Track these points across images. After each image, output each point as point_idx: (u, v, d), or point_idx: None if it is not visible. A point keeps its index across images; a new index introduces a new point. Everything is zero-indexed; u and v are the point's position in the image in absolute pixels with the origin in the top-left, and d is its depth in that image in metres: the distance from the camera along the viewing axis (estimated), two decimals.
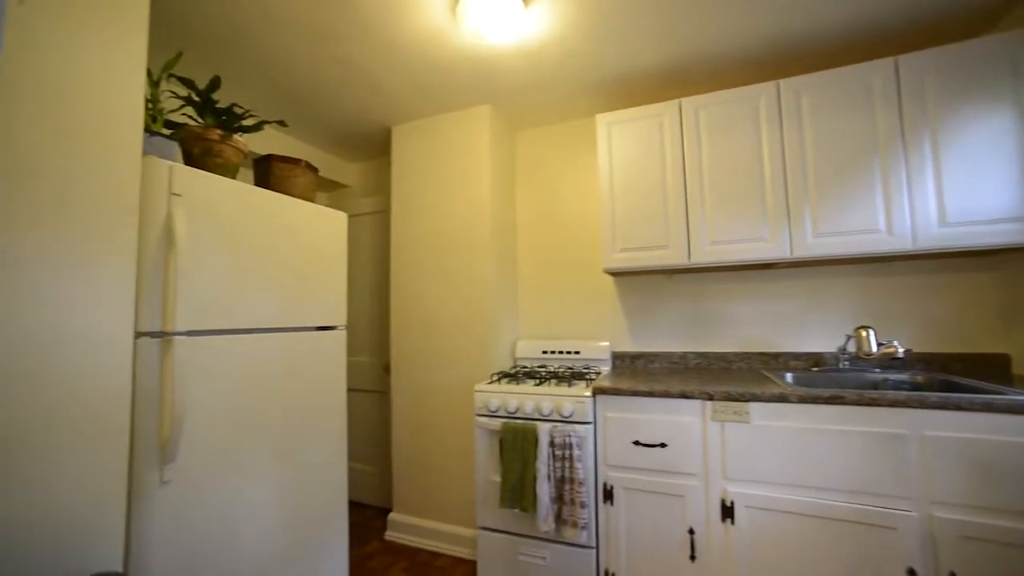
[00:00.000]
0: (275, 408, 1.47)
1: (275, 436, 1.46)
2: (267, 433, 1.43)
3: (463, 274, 2.29)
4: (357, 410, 2.83)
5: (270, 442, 1.44)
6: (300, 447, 1.56)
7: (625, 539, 1.64)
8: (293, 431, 1.53)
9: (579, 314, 2.43)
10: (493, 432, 1.83)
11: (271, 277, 1.48)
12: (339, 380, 1.76)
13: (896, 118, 1.65)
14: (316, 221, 1.68)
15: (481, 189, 2.28)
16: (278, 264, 1.51)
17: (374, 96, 2.18)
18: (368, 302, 2.87)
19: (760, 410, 1.50)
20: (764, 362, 2.07)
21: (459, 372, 2.26)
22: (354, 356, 2.86)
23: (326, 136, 2.62)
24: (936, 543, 1.30)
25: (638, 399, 1.65)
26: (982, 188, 1.55)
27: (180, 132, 1.37)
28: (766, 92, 1.81)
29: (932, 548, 1.30)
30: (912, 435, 1.34)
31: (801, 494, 1.44)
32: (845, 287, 1.98)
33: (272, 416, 1.46)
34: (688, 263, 1.90)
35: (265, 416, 1.43)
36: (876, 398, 1.37)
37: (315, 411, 1.63)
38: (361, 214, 2.91)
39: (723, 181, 1.87)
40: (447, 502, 2.26)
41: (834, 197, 1.71)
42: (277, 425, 1.47)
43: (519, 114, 2.43)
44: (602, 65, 1.95)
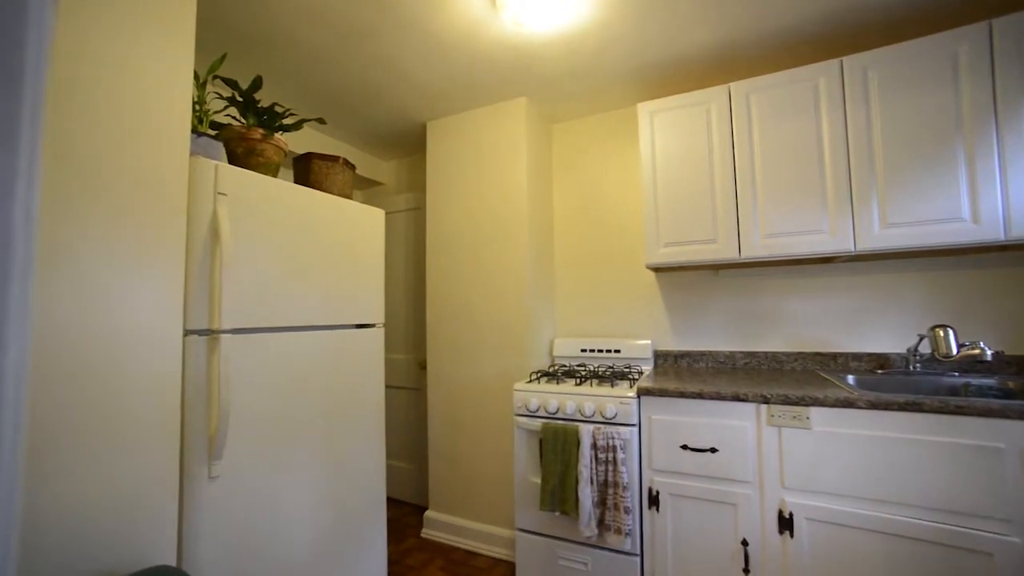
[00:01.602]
0: (316, 406, 1.48)
1: (316, 433, 1.47)
2: (308, 430, 1.44)
3: (499, 270, 2.25)
4: (393, 407, 2.85)
5: (311, 439, 1.45)
6: (340, 444, 1.56)
7: (671, 547, 1.56)
8: (333, 428, 1.54)
9: (619, 311, 2.35)
10: (533, 432, 1.79)
11: (312, 275, 1.49)
12: (378, 378, 1.77)
13: (988, 93, 1.47)
14: (355, 218, 1.68)
15: (517, 183, 2.23)
16: (318, 262, 1.51)
17: (410, 92, 2.17)
18: (404, 299, 2.88)
19: (822, 415, 1.38)
20: (821, 363, 1.92)
21: (495, 370, 2.23)
22: (390, 353, 2.88)
23: (361, 134, 2.64)
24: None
25: (686, 401, 1.56)
26: None
27: (224, 132, 1.39)
28: (827, 71, 1.67)
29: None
30: (1010, 448, 1.20)
31: (871, 508, 1.32)
32: (913, 283, 1.81)
33: (313, 413, 1.47)
34: (739, 258, 1.79)
35: (306, 413, 1.44)
36: (963, 406, 1.23)
37: (355, 408, 1.64)
38: (396, 211, 2.92)
39: (777, 170, 1.74)
40: (483, 501, 2.23)
41: (907, 184, 1.56)
42: (318, 422, 1.48)
43: (556, 106, 2.36)
44: (644, 50, 1.85)
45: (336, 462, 1.54)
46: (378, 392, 1.76)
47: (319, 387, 1.50)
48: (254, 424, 1.27)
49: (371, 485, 1.69)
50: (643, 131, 1.98)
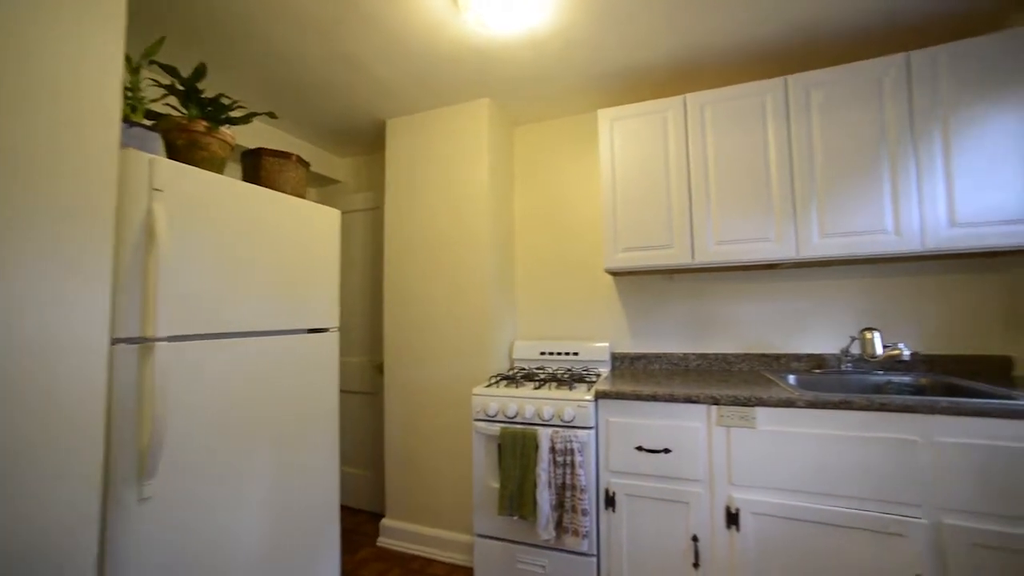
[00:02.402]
0: (264, 415, 1.40)
1: (264, 444, 1.40)
2: (256, 441, 1.37)
3: (459, 272, 2.22)
4: (349, 412, 2.76)
5: (259, 450, 1.38)
6: (291, 454, 1.49)
7: (627, 547, 1.60)
8: (283, 438, 1.47)
9: (578, 314, 2.39)
10: (491, 437, 1.78)
11: (261, 278, 1.41)
12: (332, 384, 1.70)
13: (907, 116, 1.61)
14: (308, 218, 1.61)
15: (479, 185, 2.21)
16: (268, 264, 1.44)
17: (369, 89, 2.10)
18: (360, 301, 2.79)
19: (767, 415, 1.46)
20: (765, 363, 2.04)
21: (455, 372, 2.20)
22: (346, 356, 2.78)
23: (317, 130, 2.54)
24: (945, 551, 1.27)
25: (641, 403, 1.61)
26: (994, 188, 1.52)
27: (162, 123, 1.29)
28: (774, 88, 1.77)
29: (941, 556, 1.28)
30: (922, 441, 1.31)
31: (809, 501, 1.40)
32: (848, 288, 1.95)
33: (261, 423, 1.39)
34: (692, 263, 1.86)
35: (254, 424, 1.37)
36: (886, 403, 1.34)
37: (306, 416, 1.57)
38: (353, 211, 2.83)
39: (729, 180, 1.83)
40: (442, 507, 2.20)
41: (841, 197, 1.68)
42: (267, 432, 1.41)
43: (518, 108, 2.36)
44: (605, 58, 1.89)
45: (286, 473, 1.47)
46: (332, 399, 1.70)
47: (269, 395, 1.42)
48: (196, 438, 1.18)
49: (324, 495, 1.62)
50: (603, 137, 2.02)
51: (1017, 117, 1.51)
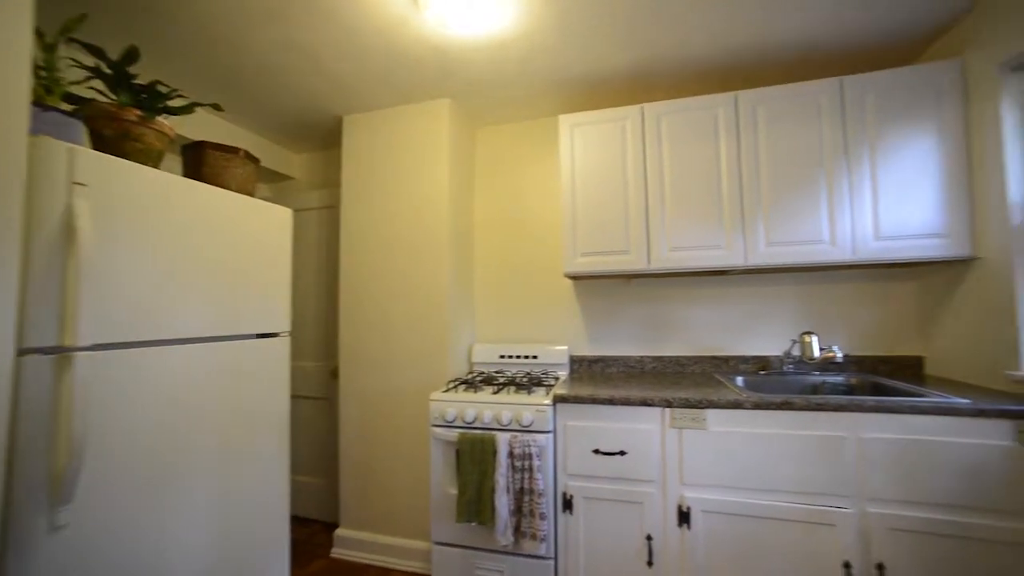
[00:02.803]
0: (208, 426, 1.32)
1: (208, 456, 1.31)
2: (198, 454, 1.28)
3: (418, 274, 2.18)
4: (301, 418, 2.64)
5: (202, 463, 1.29)
6: (237, 465, 1.41)
7: (584, 548, 1.62)
8: (229, 449, 1.39)
9: (538, 318, 2.40)
10: (449, 443, 1.75)
11: (204, 281, 1.32)
12: (282, 391, 1.62)
13: (841, 135, 1.73)
14: (257, 217, 1.53)
15: (439, 186, 2.18)
16: (212, 266, 1.35)
17: (324, 83, 2.02)
18: (314, 303, 2.68)
19: (717, 416, 1.52)
20: (716, 365, 2.13)
21: (413, 377, 2.16)
22: (298, 360, 2.67)
23: (269, 123, 2.41)
24: (868, 536, 1.37)
25: (598, 406, 1.64)
26: (910, 205, 1.67)
27: (86, 109, 1.18)
28: (725, 103, 1.85)
29: (865, 541, 1.38)
30: (851, 437, 1.41)
31: (752, 497, 1.47)
32: (790, 294, 2.07)
33: (204, 434, 1.31)
34: (648, 268, 1.91)
35: (196, 435, 1.28)
36: (821, 403, 1.43)
37: (255, 425, 1.49)
38: (308, 209, 2.71)
39: (683, 188, 1.89)
40: (399, 514, 2.15)
41: (785, 208, 1.78)
42: (210, 444, 1.32)
43: (480, 110, 2.35)
44: (567, 65, 1.91)
45: (232, 484, 1.39)
46: (283, 406, 1.62)
47: (213, 405, 1.34)
48: (126, 455, 1.09)
49: (273, 505, 1.54)
50: (564, 143, 2.04)
51: (926, 143, 1.66)
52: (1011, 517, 1.28)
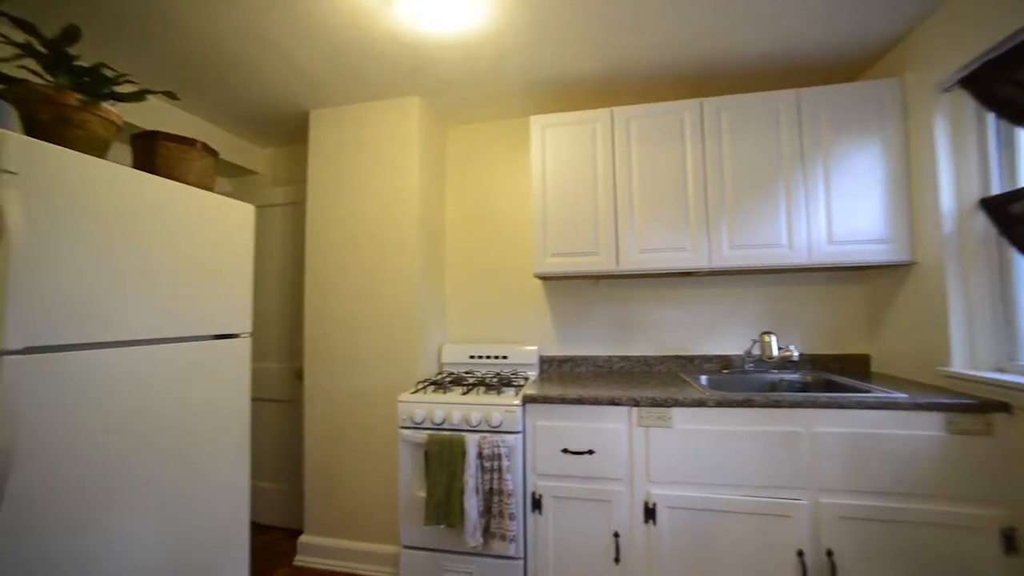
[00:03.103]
0: (160, 432, 1.26)
1: (160, 464, 1.25)
2: (150, 462, 1.22)
3: (387, 273, 2.14)
4: (263, 422, 2.54)
5: (154, 471, 1.23)
6: (193, 472, 1.34)
7: (553, 547, 1.63)
8: (184, 456, 1.32)
9: (508, 318, 2.40)
10: (418, 445, 1.73)
11: (157, 279, 1.26)
12: (242, 394, 1.55)
13: (798, 144, 1.82)
14: (216, 213, 1.46)
15: (409, 184, 2.14)
16: (166, 264, 1.28)
17: (292, 76, 1.95)
18: (278, 302, 2.59)
19: (682, 414, 1.56)
20: (681, 365, 2.19)
21: (381, 378, 2.11)
22: (261, 362, 2.56)
23: (230, 114, 2.31)
24: (819, 525, 1.44)
25: (567, 406, 1.65)
26: (859, 212, 1.77)
27: (15, 90, 1.09)
28: (691, 108, 1.91)
29: (816, 530, 1.45)
30: (805, 432, 1.48)
31: (714, 492, 1.52)
32: (752, 295, 2.16)
33: (156, 441, 1.24)
34: (617, 270, 1.95)
35: (147, 442, 1.22)
36: (779, 400, 1.50)
37: (212, 430, 1.42)
38: (272, 205, 2.61)
39: (651, 191, 1.93)
40: (366, 519, 2.10)
41: (747, 212, 1.85)
42: (163, 451, 1.26)
43: (451, 109, 2.33)
44: (539, 66, 1.91)
45: (188, 491, 1.32)
46: (243, 410, 1.56)
47: (166, 409, 1.28)
48: (65, 462, 1.02)
49: (232, 512, 1.48)
50: (535, 144, 2.04)
51: (872, 155, 1.77)
52: (943, 501, 1.38)
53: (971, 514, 1.36)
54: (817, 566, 1.44)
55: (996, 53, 1.40)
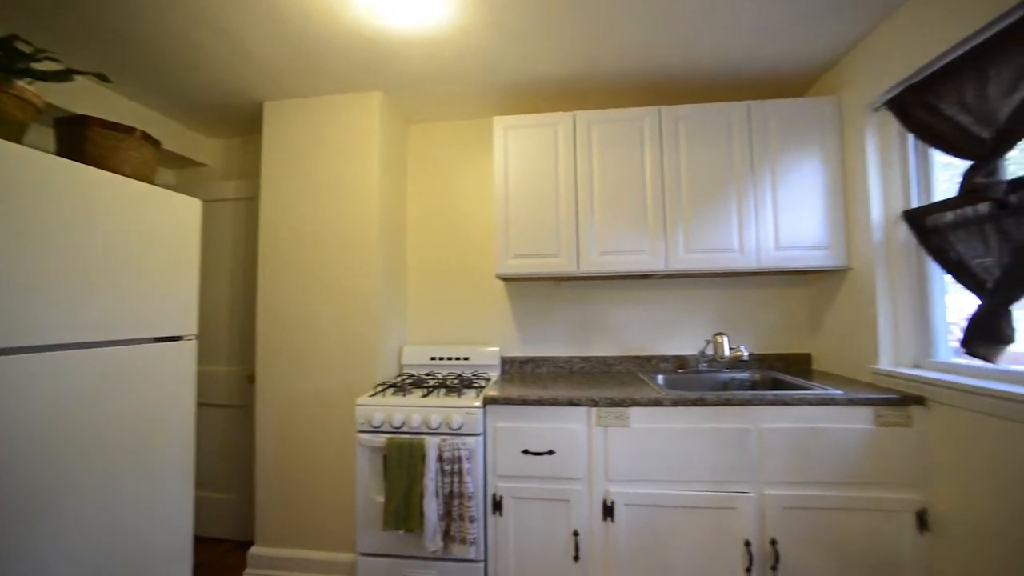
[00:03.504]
0: (94, 442, 1.18)
1: (94, 476, 1.17)
2: (81, 473, 1.14)
3: (346, 273, 2.08)
4: (210, 429, 2.40)
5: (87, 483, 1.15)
6: (131, 484, 1.26)
7: (513, 549, 1.64)
8: (121, 467, 1.24)
9: (470, 319, 2.39)
10: (376, 449, 1.69)
11: (87, 279, 1.17)
12: (186, 400, 1.47)
13: (748, 154, 1.91)
14: (158, 207, 1.37)
15: (369, 181, 2.09)
16: (98, 261, 1.19)
17: (244, 64, 1.85)
18: (229, 302, 2.45)
19: (639, 414, 1.61)
20: (639, 365, 2.25)
21: (339, 380, 2.05)
22: (209, 365, 2.42)
23: (175, 102, 2.17)
24: (765, 516, 1.53)
25: (528, 407, 1.66)
26: (802, 220, 1.88)
27: None
28: (650, 115, 1.96)
29: (762, 521, 1.53)
30: (753, 428, 1.56)
31: (669, 488, 1.57)
32: (705, 297, 2.25)
33: (90, 452, 1.16)
34: (577, 272, 1.98)
35: (79, 453, 1.13)
36: (729, 398, 1.57)
37: (152, 440, 1.34)
38: (223, 199, 2.48)
39: (611, 195, 1.98)
40: (322, 527, 2.03)
41: (702, 217, 1.92)
42: (97, 462, 1.17)
43: (413, 106, 2.29)
44: (502, 66, 1.92)
45: (124, 507, 1.24)
46: (187, 417, 1.47)
47: (100, 418, 1.19)
48: None
49: (174, 527, 1.40)
50: (497, 144, 2.04)
51: (814, 166, 1.89)
52: (871, 488, 1.50)
53: (892, 498, 1.48)
54: (762, 555, 1.52)
55: (914, 80, 1.54)
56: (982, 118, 1.32)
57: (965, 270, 1.39)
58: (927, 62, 1.45)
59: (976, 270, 1.36)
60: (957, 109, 1.39)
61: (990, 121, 1.29)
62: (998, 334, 1.27)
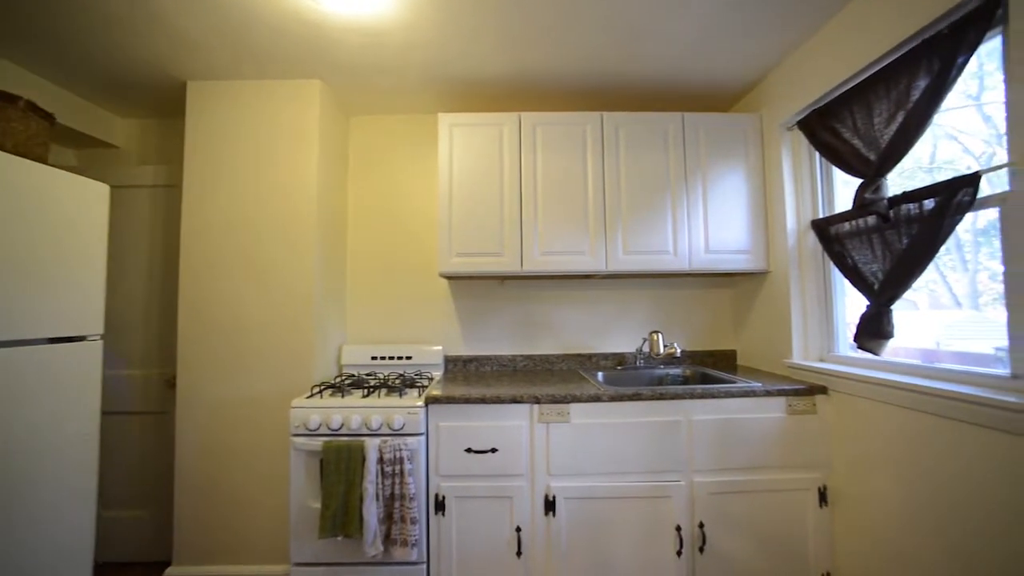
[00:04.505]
0: None
1: None
2: None
3: (280, 268, 1.97)
4: (120, 439, 2.17)
5: None
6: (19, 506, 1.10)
7: (456, 548, 1.63)
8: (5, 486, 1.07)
9: (413, 317, 2.35)
10: (313, 453, 1.61)
11: None
12: (89, 407, 1.33)
13: (682, 162, 2.04)
14: (53, 190, 1.22)
15: (307, 172, 1.99)
16: None
17: (163, 36, 1.70)
18: (145, 299, 2.23)
19: (579, 410, 1.66)
20: (580, 363, 2.33)
21: (272, 383, 1.94)
22: (121, 369, 2.19)
23: (78, 73, 1.94)
24: (695, 502, 1.63)
25: (471, 406, 1.66)
26: (729, 226, 2.04)
27: None
28: (592, 120, 2.04)
29: (691, 506, 1.64)
30: (684, 420, 1.66)
31: (608, 480, 1.64)
32: (644, 297, 2.37)
33: None
34: (521, 271, 2.01)
35: None
36: (663, 393, 1.66)
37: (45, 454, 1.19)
38: (137, 186, 2.25)
39: (554, 196, 2.02)
40: (252, 540, 1.91)
41: (640, 221, 2.02)
42: None
43: (355, 97, 2.21)
44: (448, 61, 1.90)
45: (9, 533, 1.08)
46: (89, 427, 1.33)
47: None
48: None
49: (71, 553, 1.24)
50: (442, 141, 2.03)
51: (739, 176, 2.06)
52: (783, 470, 1.65)
53: (799, 478, 1.65)
54: (691, 538, 1.62)
55: (819, 104, 1.73)
56: (869, 142, 1.51)
57: (859, 274, 1.58)
58: (829, 89, 1.65)
59: (866, 274, 1.54)
60: (851, 133, 1.58)
61: (875, 145, 1.48)
62: (882, 330, 1.45)
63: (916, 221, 1.35)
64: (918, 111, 1.32)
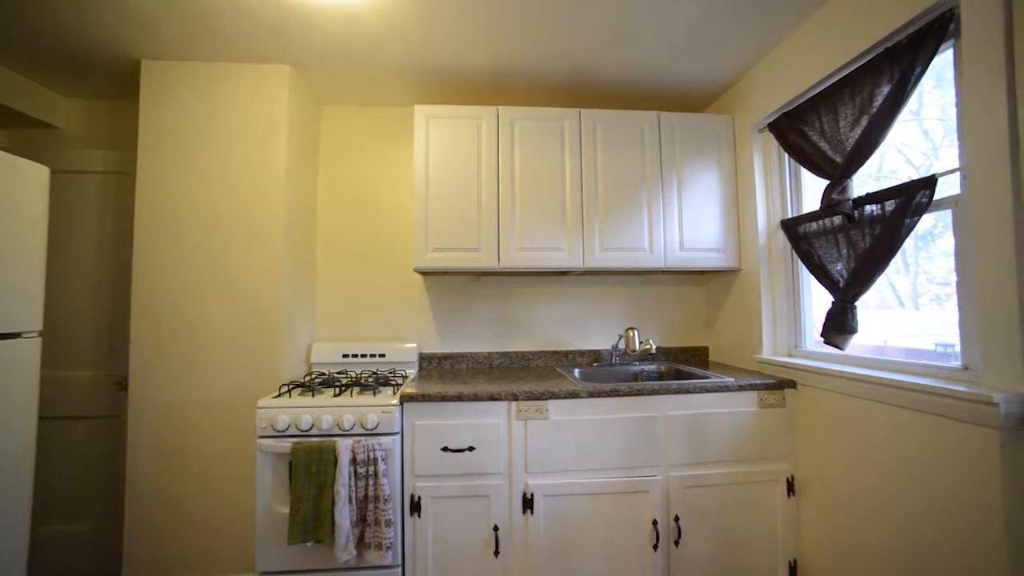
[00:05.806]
0: None
1: None
2: None
3: (244, 262, 1.87)
4: (63, 447, 2.00)
5: None
6: None
7: (433, 549, 1.59)
8: None
9: (386, 314, 2.28)
10: (281, 456, 1.53)
11: None
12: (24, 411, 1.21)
13: (658, 160, 2.07)
14: None
15: (274, 162, 1.90)
16: None
17: (111, 11, 1.57)
18: (93, 294, 2.07)
19: (557, 406, 1.65)
20: (558, 359, 2.32)
21: (236, 383, 1.84)
22: (65, 370, 2.02)
23: (12, 45, 1.77)
24: (670, 496, 1.66)
25: (447, 404, 1.62)
26: (703, 225, 2.08)
27: None
28: (570, 116, 2.03)
29: (667, 500, 1.66)
30: (661, 416, 1.68)
31: (585, 476, 1.64)
32: (620, 294, 2.39)
33: None
34: (498, 267, 1.98)
35: None
36: (640, 389, 1.67)
37: None
38: (84, 171, 2.08)
39: (532, 192, 2.01)
40: (213, 549, 1.80)
41: (616, 218, 2.04)
42: None
43: (327, 85, 2.12)
44: (425, 52, 1.85)
45: None
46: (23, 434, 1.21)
47: None
48: None
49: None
50: (419, 134, 1.97)
51: (713, 176, 2.11)
52: (754, 463, 1.70)
53: (769, 470, 1.70)
54: (667, 531, 1.64)
55: (789, 108, 1.78)
56: (835, 145, 1.57)
57: (825, 272, 1.64)
58: (799, 93, 1.71)
59: (832, 272, 1.60)
60: (819, 136, 1.64)
61: (841, 148, 1.54)
62: (847, 326, 1.51)
63: (879, 221, 1.41)
64: (881, 116, 1.38)
